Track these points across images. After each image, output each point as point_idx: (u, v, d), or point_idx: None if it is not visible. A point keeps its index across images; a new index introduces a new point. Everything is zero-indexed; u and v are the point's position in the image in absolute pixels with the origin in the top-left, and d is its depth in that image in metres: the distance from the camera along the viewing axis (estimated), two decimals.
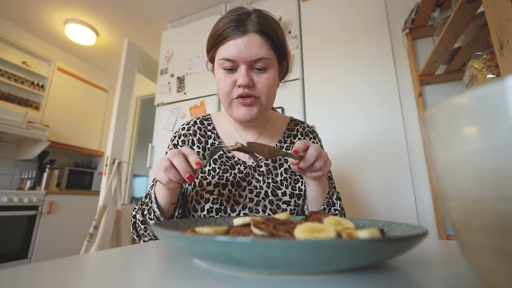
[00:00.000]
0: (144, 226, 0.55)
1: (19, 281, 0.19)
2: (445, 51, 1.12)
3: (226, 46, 0.56)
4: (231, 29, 0.55)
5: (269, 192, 0.60)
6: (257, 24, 0.56)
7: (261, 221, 0.27)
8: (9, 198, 2.18)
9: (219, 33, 0.57)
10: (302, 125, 0.73)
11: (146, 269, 0.24)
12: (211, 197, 0.57)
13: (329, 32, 1.62)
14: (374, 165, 1.35)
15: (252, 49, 0.55)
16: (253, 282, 0.19)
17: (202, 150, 0.64)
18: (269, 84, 0.58)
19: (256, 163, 0.63)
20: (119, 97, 2.12)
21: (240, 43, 0.55)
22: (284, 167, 0.64)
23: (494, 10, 0.63)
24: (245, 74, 0.55)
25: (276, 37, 0.59)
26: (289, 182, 0.62)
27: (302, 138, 0.71)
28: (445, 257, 0.29)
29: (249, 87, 0.57)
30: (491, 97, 0.11)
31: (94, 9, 2.38)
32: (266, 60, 0.56)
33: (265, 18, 0.58)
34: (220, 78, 0.58)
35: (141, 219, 0.55)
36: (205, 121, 0.70)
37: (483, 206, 0.12)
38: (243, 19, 0.56)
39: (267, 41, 0.57)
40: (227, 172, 0.61)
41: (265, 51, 0.56)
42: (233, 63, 0.56)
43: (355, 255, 0.19)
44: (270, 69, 0.58)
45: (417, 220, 1.23)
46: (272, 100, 0.62)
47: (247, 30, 0.55)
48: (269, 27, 0.57)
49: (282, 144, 0.68)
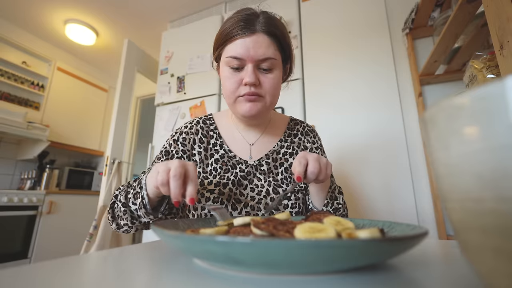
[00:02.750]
0: (124, 209, 0.53)
1: (19, 281, 0.19)
2: (445, 51, 1.12)
3: (234, 45, 0.57)
4: (239, 28, 0.56)
5: (270, 190, 0.61)
6: (266, 24, 0.57)
7: (261, 221, 0.27)
8: (9, 198, 2.18)
9: (228, 32, 0.57)
10: (302, 125, 0.74)
11: (146, 269, 0.24)
12: (211, 195, 0.58)
13: (329, 32, 1.62)
14: (374, 165, 1.35)
15: (260, 48, 0.56)
16: (253, 282, 0.19)
17: (204, 150, 0.64)
18: (274, 84, 0.59)
19: (257, 161, 0.64)
20: (119, 97, 2.12)
21: (248, 42, 0.55)
22: (285, 166, 0.65)
23: (494, 10, 0.63)
24: (252, 72, 0.56)
25: (283, 39, 0.60)
26: (289, 181, 0.63)
27: (302, 137, 0.72)
28: (445, 257, 0.29)
29: (255, 86, 0.57)
30: (491, 97, 0.11)
31: (94, 9, 2.38)
32: (272, 60, 0.57)
33: (273, 20, 0.59)
34: (226, 76, 0.59)
35: (122, 200, 0.53)
36: (207, 121, 0.70)
37: (483, 206, 0.12)
38: (251, 19, 0.57)
39: (274, 42, 0.58)
40: (228, 172, 0.61)
41: (272, 51, 0.57)
42: (240, 61, 0.56)
43: (355, 255, 0.19)
44: (275, 69, 0.59)
45: (417, 220, 1.23)
46: (276, 100, 0.63)
47: (256, 30, 0.56)
48: (277, 29, 0.58)
49: (283, 143, 0.69)
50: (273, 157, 0.65)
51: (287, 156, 0.67)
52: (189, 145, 0.64)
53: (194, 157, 0.63)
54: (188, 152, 0.64)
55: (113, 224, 0.57)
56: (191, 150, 0.64)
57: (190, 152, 0.64)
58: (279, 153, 0.66)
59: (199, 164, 0.62)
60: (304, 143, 0.71)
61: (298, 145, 0.70)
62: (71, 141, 3.01)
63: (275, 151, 0.66)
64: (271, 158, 0.65)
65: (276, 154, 0.66)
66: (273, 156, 0.66)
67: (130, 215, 0.53)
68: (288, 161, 0.66)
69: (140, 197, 0.50)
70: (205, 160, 0.63)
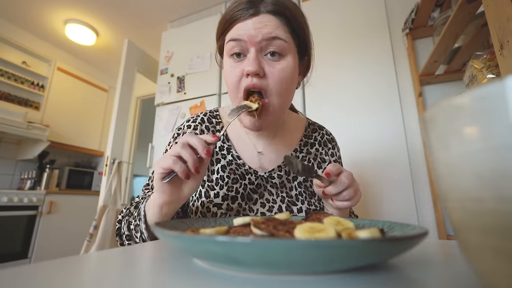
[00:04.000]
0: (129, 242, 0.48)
1: (19, 281, 0.19)
2: (445, 51, 1.12)
3: (235, 29, 0.48)
4: (241, 11, 0.47)
5: (283, 207, 0.53)
6: (271, 4, 0.47)
7: (261, 221, 0.27)
8: (9, 198, 2.18)
9: (228, 17, 0.49)
10: (321, 132, 0.65)
11: (146, 269, 0.24)
12: (219, 211, 0.51)
13: (329, 32, 1.62)
14: (374, 165, 1.35)
15: (265, 28, 0.45)
16: (253, 282, 0.19)
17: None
18: (284, 76, 0.47)
19: (268, 173, 0.56)
20: (119, 97, 2.12)
21: (250, 23, 0.46)
22: (298, 180, 0.57)
23: (494, 10, 0.63)
24: (254, 58, 0.45)
25: (295, 19, 0.49)
26: (304, 197, 0.55)
27: (320, 148, 0.62)
28: (445, 257, 0.29)
29: (258, 76, 0.46)
30: (491, 97, 0.11)
31: (94, 9, 2.38)
32: (281, 42, 0.46)
33: (282, 0, 0.49)
34: (227, 70, 0.50)
35: (126, 233, 0.48)
36: (213, 119, 0.61)
37: (483, 206, 0.12)
38: (255, 1, 0.47)
39: (283, 23, 0.47)
40: (237, 183, 0.54)
41: (281, 32, 0.46)
42: (240, 45, 0.47)
43: (355, 255, 0.19)
44: (286, 57, 0.47)
45: (417, 220, 1.23)
46: (288, 99, 0.51)
47: (260, 11, 0.46)
48: (286, 7, 0.48)
49: (297, 154, 0.59)
50: (286, 170, 0.57)
51: None
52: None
53: None
54: None
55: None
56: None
57: None
58: None
59: None
60: (321, 155, 0.62)
61: (315, 157, 0.61)
62: (71, 141, 3.01)
63: None
64: (284, 170, 0.56)
65: None
66: (286, 169, 0.57)
67: (139, 240, 0.48)
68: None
69: (139, 231, 0.45)
70: (211, 166, 0.55)
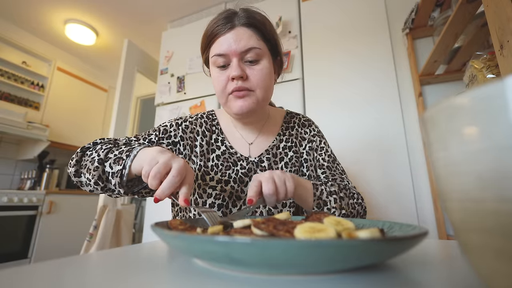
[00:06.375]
0: (97, 165, 0.47)
1: (19, 281, 0.19)
2: (445, 51, 1.12)
3: (217, 43, 0.57)
4: (219, 26, 0.57)
5: None
6: (244, 18, 0.58)
7: (261, 221, 0.27)
8: (9, 198, 2.17)
9: (209, 33, 0.59)
10: (298, 117, 0.74)
11: (146, 269, 0.24)
12: (213, 192, 0.58)
13: (329, 32, 1.62)
14: (374, 165, 1.35)
15: (242, 40, 0.56)
16: (253, 282, 0.19)
17: (206, 144, 0.64)
18: (263, 75, 0.57)
19: (258, 158, 0.64)
20: (119, 97, 2.12)
21: (229, 37, 0.56)
22: (285, 160, 0.65)
23: (494, 10, 0.63)
24: (237, 65, 0.55)
25: (264, 28, 0.59)
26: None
27: (299, 129, 0.71)
28: (445, 257, 0.29)
29: (242, 79, 0.56)
30: (491, 97, 0.11)
31: (94, 9, 2.38)
32: (256, 50, 0.57)
33: (252, 12, 0.60)
34: (215, 77, 0.59)
35: (101, 156, 0.48)
36: (210, 116, 0.71)
37: (483, 206, 0.12)
38: (230, 16, 0.58)
39: (255, 33, 0.58)
40: (229, 169, 0.61)
41: (255, 41, 0.57)
42: (224, 58, 0.57)
43: (355, 255, 0.19)
44: (262, 60, 0.58)
45: (417, 220, 1.23)
46: (269, 93, 0.61)
47: (235, 25, 0.57)
48: (256, 20, 0.58)
49: (281, 137, 0.69)
50: (273, 152, 0.65)
51: (286, 150, 0.67)
52: (192, 135, 0.64)
53: (196, 148, 0.63)
54: (187, 141, 0.63)
55: (72, 168, 0.51)
56: (194, 141, 0.64)
57: (192, 141, 0.63)
58: (279, 148, 0.66)
59: (199, 156, 0.62)
60: (301, 134, 0.71)
61: (296, 136, 0.70)
62: (71, 141, 3.01)
63: (275, 146, 0.66)
64: (271, 153, 0.65)
65: (276, 149, 0.66)
66: (273, 152, 0.65)
67: (99, 175, 0.48)
68: (288, 155, 0.66)
69: (121, 165, 0.46)
70: (207, 155, 0.63)
